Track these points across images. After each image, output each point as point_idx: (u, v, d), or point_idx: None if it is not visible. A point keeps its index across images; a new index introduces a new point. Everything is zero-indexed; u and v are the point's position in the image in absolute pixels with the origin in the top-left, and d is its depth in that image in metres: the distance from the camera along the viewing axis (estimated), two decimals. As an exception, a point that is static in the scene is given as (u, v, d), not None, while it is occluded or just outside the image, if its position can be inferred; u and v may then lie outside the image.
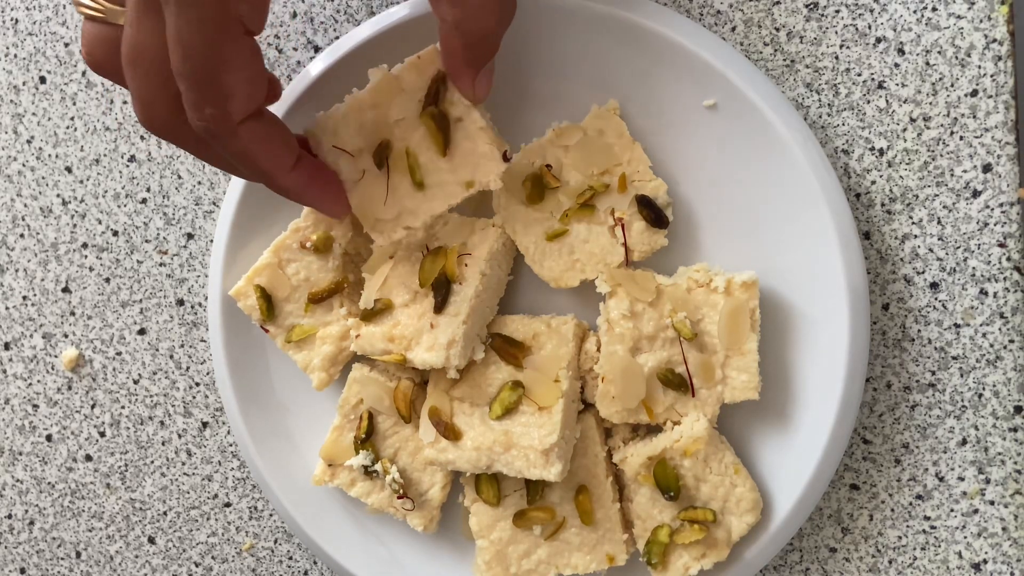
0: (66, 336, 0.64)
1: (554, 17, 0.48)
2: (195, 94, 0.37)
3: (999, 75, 0.47)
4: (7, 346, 0.65)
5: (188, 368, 0.62)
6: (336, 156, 0.47)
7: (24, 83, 0.63)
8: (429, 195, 0.47)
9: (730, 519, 0.49)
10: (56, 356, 0.64)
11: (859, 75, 0.49)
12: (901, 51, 0.48)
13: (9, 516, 0.67)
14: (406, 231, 0.47)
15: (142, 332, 0.62)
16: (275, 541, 0.61)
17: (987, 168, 0.48)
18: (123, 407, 0.63)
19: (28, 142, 0.63)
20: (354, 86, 0.48)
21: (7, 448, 0.66)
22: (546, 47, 0.50)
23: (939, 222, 0.49)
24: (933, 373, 0.50)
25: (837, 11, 0.49)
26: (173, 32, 0.36)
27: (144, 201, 0.61)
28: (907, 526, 0.51)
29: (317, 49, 0.57)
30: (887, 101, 0.49)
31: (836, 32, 0.49)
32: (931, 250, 0.49)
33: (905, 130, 0.49)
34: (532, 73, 0.51)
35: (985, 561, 0.50)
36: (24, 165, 0.63)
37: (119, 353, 0.63)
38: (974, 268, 0.49)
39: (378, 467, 0.52)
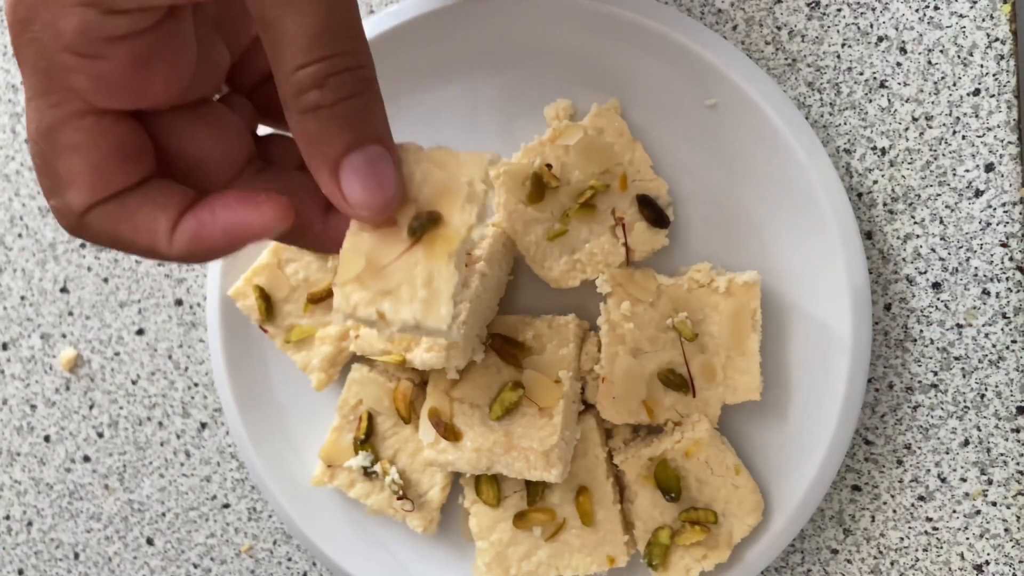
0: (64, 336, 0.63)
1: (555, 15, 0.48)
2: (41, 184, 0.33)
3: (1001, 74, 0.47)
4: (5, 346, 0.65)
5: (187, 368, 0.61)
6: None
7: (22, 82, 0.62)
8: (431, 306, 0.33)
9: (731, 520, 0.48)
10: (54, 356, 0.64)
11: (861, 74, 0.49)
12: (903, 50, 0.48)
13: (7, 517, 0.66)
14: (375, 319, 0.34)
15: (140, 332, 0.62)
16: (274, 542, 0.61)
17: (989, 167, 0.48)
18: (121, 408, 0.63)
19: (26, 141, 0.63)
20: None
21: (5, 449, 0.66)
22: (547, 45, 0.50)
23: (941, 222, 0.49)
24: (935, 374, 0.50)
25: (839, 10, 0.49)
26: (25, 111, 0.33)
27: (142, 201, 0.61)
28: (909, 527, 0.51)
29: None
30: (889, 100, 0.49)
31: (838, 31, 0.49)
32: (933, 250, 0.49)
33: (907, 129, 0.49)
34: (532, 71, 0.51)
35: (987, 563, 0.50)
36: (22, 164, 0.63)
37: (117, 353, 0.62)
38: (976, 268, 0.48)
39: (377, 468, 0.52)
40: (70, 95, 0.31)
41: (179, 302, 0.61)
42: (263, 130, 0.40)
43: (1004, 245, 0.48)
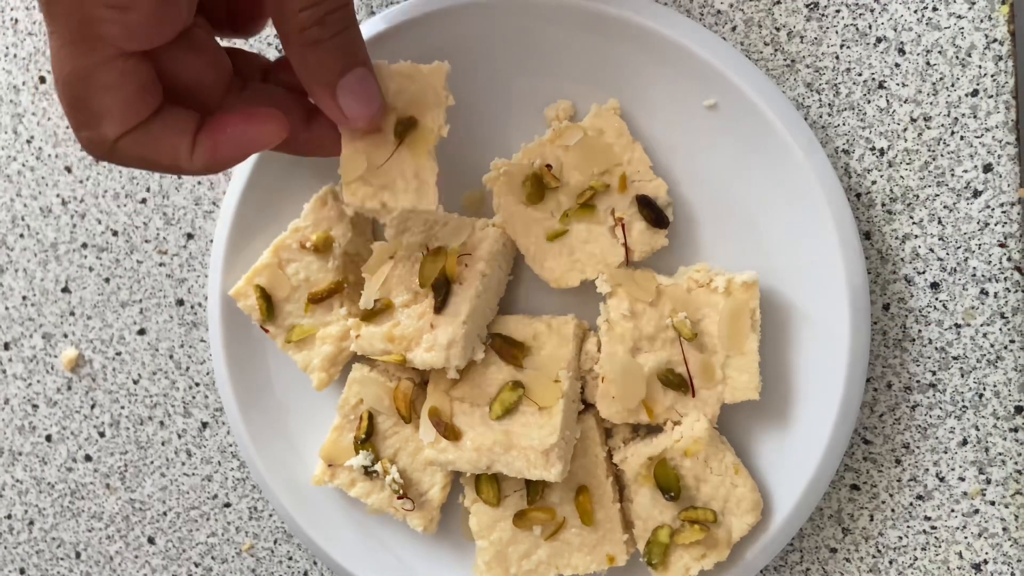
0: (66, 336, 0.64)
1: (554, 16, 0.48)
2: (71, 119, 0.38)
3: (1000, 75, 0.47)
4: (7, 346, 0.65)
5: (188, 368, 0.62)
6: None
7: (24, 83, 0.63)
8: (422, 193, 0.43)
9: (731, 519, 0.49)
10: (56, 356, 0.64)
11: (860, 75, 0.49)
12: (902, 51, 0.48)
13: (9, 516, 0.67)
14: (379, 208, 0.43)
15: (142, 332, 0.62)
16: (275, 541, 0.61)
17: (988, 168, 0.48)
18: (123, 407, 0.63)
19: (28, 142, 0.63)
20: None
21: (7, 448, 0.66)
22: (546, 46, 0.50)
23: (940, 222, 0.49)
24: (934, 373, 0.50)
25: (837, 11, 0.49)
26: (52, 59, 0.38)
27: (144, 201, 0.61)
28: (908, 526, 0.51)
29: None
30: (888, 101, 0.49)
31: (836, 32, 0.49)
32: (932, 250, 0.49)
33: (906, 130, 0.49)
34: (532, 72, 0.51)
35: (986, 561, 0.50)
36: (24, 165, 0.63)
37: (119, 353, 0.63)
38: (975, 268, 0.49)
39: (378, 467, 0.52)
40: (102, 42, 0.36)
41: (180, 302, 0.61)
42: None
43: (1002, 245, 0.48)
